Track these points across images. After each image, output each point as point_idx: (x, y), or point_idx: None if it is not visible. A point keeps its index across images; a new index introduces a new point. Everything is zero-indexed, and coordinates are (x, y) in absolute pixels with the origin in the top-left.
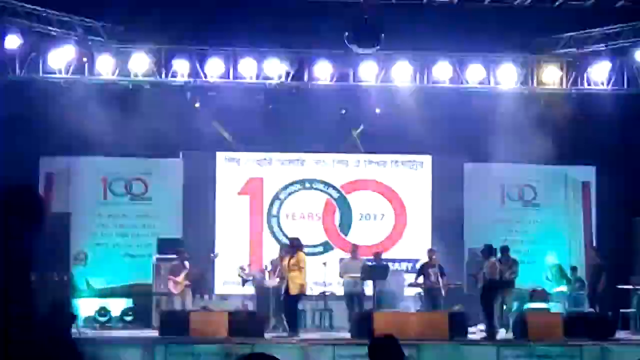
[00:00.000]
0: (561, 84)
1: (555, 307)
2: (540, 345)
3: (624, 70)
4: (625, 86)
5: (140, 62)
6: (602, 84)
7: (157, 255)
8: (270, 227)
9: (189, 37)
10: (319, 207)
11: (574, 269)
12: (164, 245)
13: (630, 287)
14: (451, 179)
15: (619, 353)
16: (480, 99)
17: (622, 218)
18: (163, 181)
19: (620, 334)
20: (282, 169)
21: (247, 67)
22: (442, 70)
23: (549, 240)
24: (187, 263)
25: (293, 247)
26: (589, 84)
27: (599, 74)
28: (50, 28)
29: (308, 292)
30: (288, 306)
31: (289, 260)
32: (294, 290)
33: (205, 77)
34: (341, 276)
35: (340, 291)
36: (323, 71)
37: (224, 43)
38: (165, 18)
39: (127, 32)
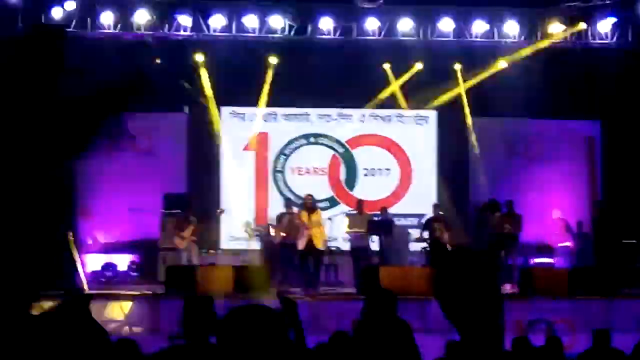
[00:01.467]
0: (565, 38)
1: (561, 262)
2: (546, 299)
3: (629, 25)
4: (630, 40)
5: (142, 16)
6: (607, 37)
7: (163, 210)
8: (276, 182)
9: None
10: (324, 162)
11: (579, 223)
12: (170, 201)
13: (635, 241)
14: (457, 134)
15: (625, 307)
16: (484, 53)
17: (627, 173)
18: (168, 136)
19: (626, 290)
20: (287, 124)
21: (250, 22)
22: (446, 25)
23: (554, 195)
24: (193, 218)
25: (312, 203)
26: (593, 39)
27: (604, 29)
28: None
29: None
30: (314, 261)
31: (310, 216)
32: (319, 245)
33: (209, 31)
34: (347, 231)
35: (346, 246)
36: (326, 25)
37: None
38: None
39: None
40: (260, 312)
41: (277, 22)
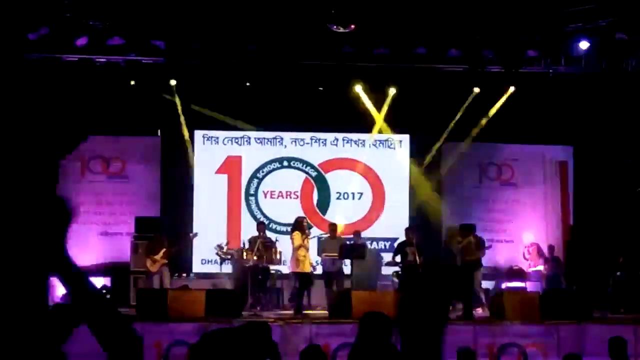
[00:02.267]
0: (539, 63)
1: (533, 286)
2: (517, 324)
3: (602, 50)
4: (603, 66)
5: (116, 40)
6: (580, 63)
7: (135, 234)
8: (248, 206)
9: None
10: (297, 185)
11: (551, 248)
12: (142, 224)
13: (607, 266)
14: (429, 158)
15: (596, 332)
16: (458, 79)
17: (599, 198)
18: (141, 160)
19: (597, 314)
20: (261, 147)
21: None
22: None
23: (526, 220)
24: (165, 242)
25: (307, 225)
26: (566, 64)
27: (577, 54)
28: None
29: (285, 271)
30: (306, 285)
31: (304, 240)
32: (308, 269)
33: (183, 54)
34: (319, 255)
35: (318, 270)
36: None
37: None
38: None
39: (104, 9)
40: (234, 336)
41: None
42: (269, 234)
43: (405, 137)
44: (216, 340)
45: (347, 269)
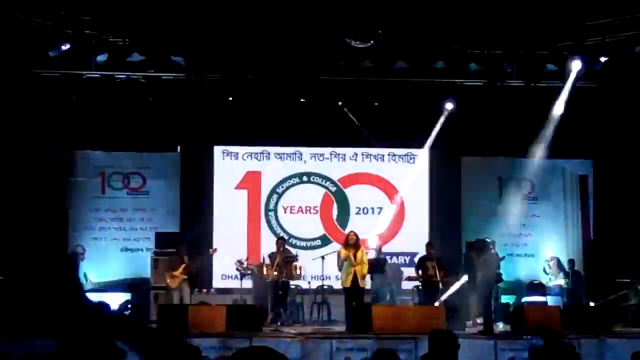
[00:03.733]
0: (557, 77)
1: (553, 301)
2: (537, 338)
3: (622, 64)
4: (623, 80)
5: (136, 57)
6: (600, 77)
7: (155, 249)
8: (268, 221)
9: (185, 32)
10: (316, 200)
11: (571, 262)
12: (162, 240)
13: (628, 280)
14: (449, 173)
15: (617, 346)
16: (477, 93)
17: (620, 212)
18: (161, 175)
19: (618, 327)
20: (280, 162)
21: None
22: (440, 65)
23: (546, 234)
24: (185, 257)
25: (356, 240)
26: (586, 78)
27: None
28: (47, 22)
29: (305, 286)
30: (347, 299)
31: (355, 254)
32: (362, 284)
33: (202, 71)
34: (340, 269)
35: (338, 285)
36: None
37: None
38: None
39: (124, 26)
40: (266, 355)
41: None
42: (288, 249)
43: (425, 152)
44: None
45: (367, 284)
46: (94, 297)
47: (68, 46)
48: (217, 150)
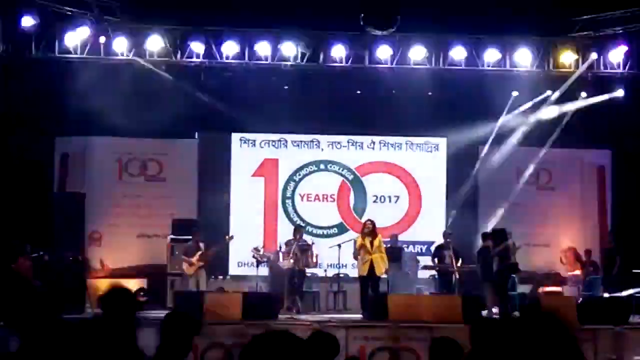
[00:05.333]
0: (577, 67)
1: (569, 291)
2: None
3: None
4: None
5: (155, 43)
6: (619, 67)
7: (172, 236)
8: (285, 209)
9: (204, 17)
10: (333, 188)
11: (588, 252)
12: (179, 226)
13: None
14: (466, 162)
15: (633, 338)
16: (496, 81)
17: (638, 203)
18: (178, 162)
19: (635, 319)
20: (297, 150)
21: (263, 49)
22: (458, 53)
23: (563, 224)
24: (201, 244)
25: (373, 228)
26: (605, 67)
27: (616, 57)
28: (66, 8)
29: (321, 274)
30: (373, 287)
31: (372, 242)
32: (380, 272)
33: (221, 58)
34: (355, 258)
35: (354, 273)
36: (338, 53)
37: (240, 24)
38: None
39: (143, 12)
40: (285, 339)
41: (290, 49)
42: (305, 237)
43: (443, 141)
44: (267, 342)
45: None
46: (109, 283)
47: (87, 31)
48: (235, 137)
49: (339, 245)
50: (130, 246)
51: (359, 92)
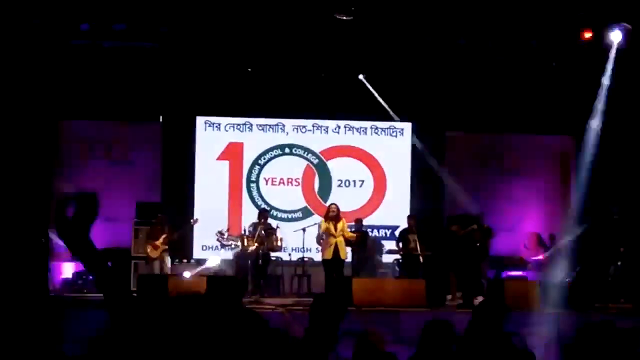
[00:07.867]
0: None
1: (533, 276)
2: (516, 312)
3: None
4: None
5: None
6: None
7: (136, 219)
8: (249, 192)
9: None
10: (298, 172)
11: (552, 237)
12: (143, 210)
13: (609, 256)
14: (431, 147)
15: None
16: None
17: (600, 188)
18: (142, 145)
19: (599, 304)
20: (262, 134)
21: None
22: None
23: (527, 209)
24: (166, 227)
25: (337, 212)
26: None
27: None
28: None
29: (286, 258)
30: (337, 271)
31: (335, 225)
32: (343, 255)
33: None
34: (318, 242)
35: (318, 257)
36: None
37: None
38: None
39: None
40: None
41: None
42: (270, 220)
43: (408, 125)
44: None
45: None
46: (74, 265)
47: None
48: (200, 120)
49: (304, 229)
50: (94, 229)
51: (323, 75)
